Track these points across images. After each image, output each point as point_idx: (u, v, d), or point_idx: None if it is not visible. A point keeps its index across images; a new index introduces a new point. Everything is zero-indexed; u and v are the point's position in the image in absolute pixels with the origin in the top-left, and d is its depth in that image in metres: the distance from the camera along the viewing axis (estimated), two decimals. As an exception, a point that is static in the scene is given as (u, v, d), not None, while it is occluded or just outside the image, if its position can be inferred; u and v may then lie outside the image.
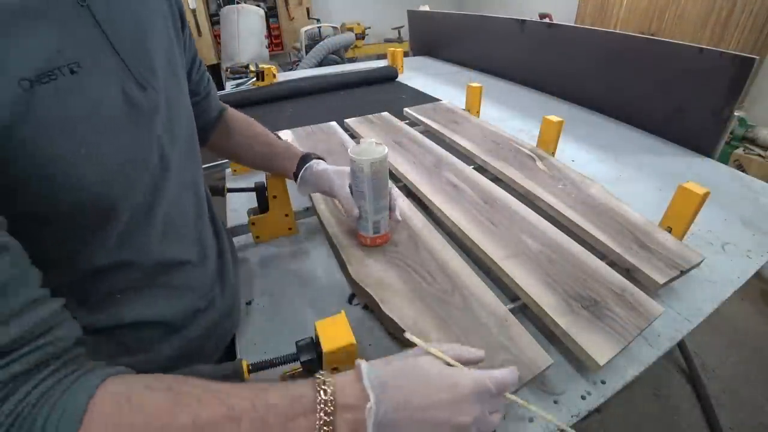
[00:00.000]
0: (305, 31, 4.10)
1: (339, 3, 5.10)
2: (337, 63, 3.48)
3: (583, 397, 0.52)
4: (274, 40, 4.73)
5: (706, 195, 0.67)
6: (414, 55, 2.52)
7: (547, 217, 0.77)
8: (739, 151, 2.34)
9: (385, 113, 1.28)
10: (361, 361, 0.34)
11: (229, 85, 1.88)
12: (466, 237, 0.74)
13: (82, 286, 0.40)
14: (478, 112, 1.30)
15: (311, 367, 0.46)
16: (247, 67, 1.89)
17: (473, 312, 0.58)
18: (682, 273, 0.65)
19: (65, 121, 0.32)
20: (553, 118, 0.99)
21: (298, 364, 0.46)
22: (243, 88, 1.82)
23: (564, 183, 0.89)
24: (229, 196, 0.93)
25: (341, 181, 0.65)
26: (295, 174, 0.69)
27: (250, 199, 0.80)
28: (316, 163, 0.69)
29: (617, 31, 1.33)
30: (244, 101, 1.54)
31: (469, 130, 1.16)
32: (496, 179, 0.93)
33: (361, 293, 0.64)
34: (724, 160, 2.31)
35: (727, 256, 0.75)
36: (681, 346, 1.52)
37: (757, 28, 2.24)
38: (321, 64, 3.44)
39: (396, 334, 0.59)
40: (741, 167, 2.27)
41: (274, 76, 1.81)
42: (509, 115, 1.43)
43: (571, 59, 1.48)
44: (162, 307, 0.47)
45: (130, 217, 0.40)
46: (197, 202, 0.54)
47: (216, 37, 4.18)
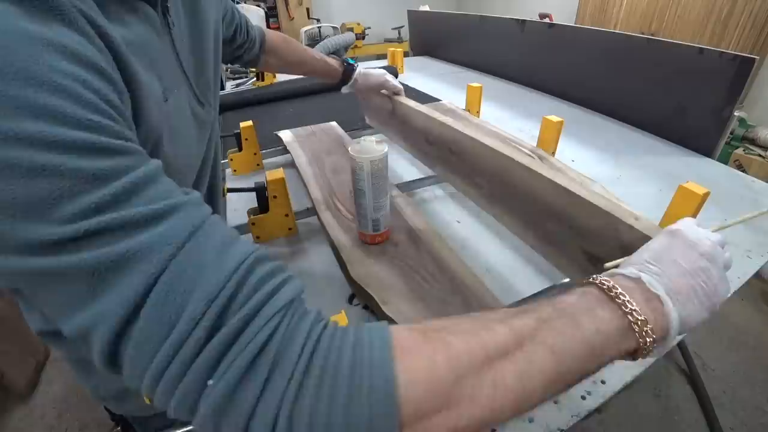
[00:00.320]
0: (305, 31, 4.10)
1: (339, 3, 5.09)
2: (337, 63, 3.47)
3: (583, 397, 0.52)
4: (274, 40, 4.73)
5: (706, 195, 0.67)
6: (414, 55, 2.52)
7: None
8: (739, 151, 2.33)
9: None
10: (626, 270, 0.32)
11: (230, 85, 1.88)
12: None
13: None
14: (478, 112, 1.30)
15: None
16: (247, 67, 1.89)
17: (473, 312, 0.58)
18: (682, 273, 0.65)
19: (170, 144, 0.36)
20: (553, 118, 0.99)
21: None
22: (243, 88, 1.82)
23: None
24: (229, 196, 0.93)
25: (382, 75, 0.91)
26: (343, 81, 0.91)
27: (251, 199, 0.80)
28: (359, 67, 0.91)
29: (617, 31, 1.33)
30: (244, 101, 1.54)
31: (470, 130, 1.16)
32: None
33: (362, 293, 0.64)
34: (724, 160, 2.31)
35: (727, 256, 0.75)
36: (681, 346, 1.52)
37: (757, 28, 2.24)
38: (321, 64, 3.44)
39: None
40: (741, 167, 2.27)
41: (274, 76, 1.81)
42: (509, 115, 1.43)
43: (571, 59, 1.48)
44: None
45: None
46: (211, 191, 0.59)
47: (216, 37, 4.18)
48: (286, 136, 1.17)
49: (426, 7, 2.46)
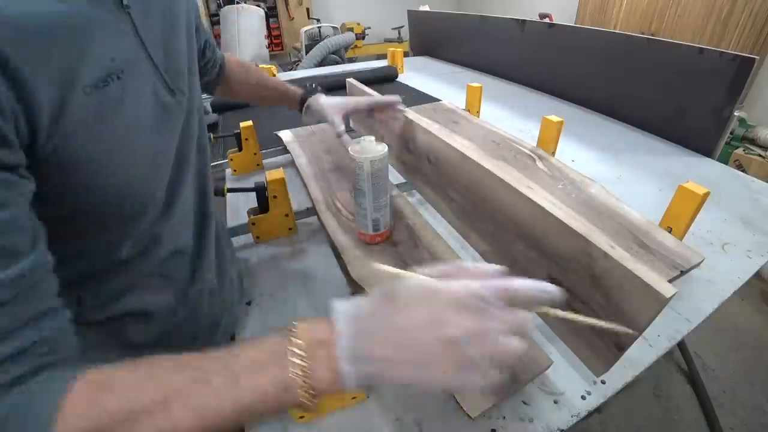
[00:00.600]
0: (305, 31, 4.11)
1: (339, 3, 5.10)
2: (337, 63, 3.48)
3: (583, 397, 0.52)
4: (274, 40, 4.73)
5: (706, 195, 0.67)
6: (414, 55, 2.52)
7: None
8: (739, 151, 2.33)
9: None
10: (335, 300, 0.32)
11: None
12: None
13: (100, 278, 0.41)
14: (478, 112, 1.30)
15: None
16: (247, 67, 1.88)
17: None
18: (682, 273, 0.65)
19: (110, 125, 0.33)
20: (553, 118, 0.99)
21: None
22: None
23: (564, 183, 0.89)
24: (229, 196, 0.93)
25: (334, 110, 0.79)
26: (300, 109, 0.83)
27: (251, 199, 0.80)
28: (316, 98, 0.81)
29: (617, 31, 1.33)
30: (244, 101, 1.54)
31: (469, 130, 1.16)
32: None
33: (362, 293, 0.64)
34: (724, 160, 2.31)
35: (727, 256, 0.75)
36: (681, 346, 1.52)
37: (757, 28, 2.24)
38: (321, 64, 3.44)
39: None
40: (741, 167, 2.27)
41: (274, 76, 1.81)
42: (509, 115, 1.43)
43: (571, 59, 1.48)
44: (165, 296, 0.48)
45: (153, 212, 0.42)
46: (201, 191, 0.55)
47: (216, 37, 4.18)
48: (286, 136, 1.17)
49: (426, 7, 2.46)
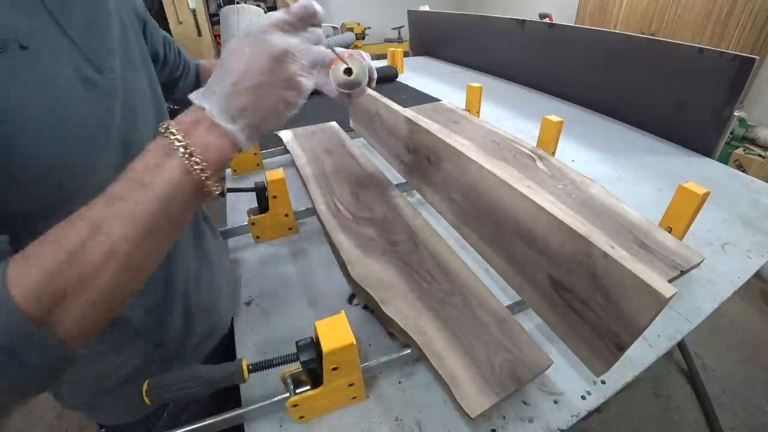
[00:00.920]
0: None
1: (339, 3, 5.09)
2: (337, 63, 3.46)
3: (583, 397, 0.52)
4: (274, 40, 4.73)
5: (706, 195, 0.67)
6: (414, 55, 2.52)
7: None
8: (739, 151, 2.33)
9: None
10: (192, 97, 0.36)
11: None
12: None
13: None
14: (478, 112, 1.30)
15: (311, 367, 0.46)
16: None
17: (473, 312, 0.58)
18: (682, 273, 0.65)
19: (17, 92, 0.32)
20: (553, 118, 0.99)
21: (298, 364, 0.46)
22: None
23: (564, 183, 0.89)
24: (229, 196, 0.93)
25: None
26: None
27: (251, 199, 0.80)
28: None
29: (617, 31, 1.33)
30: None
31: (469, 130, 1.16)
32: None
33: (361, 293, 0.64)
34: (724, 160, 2.31)
35: (727, 256, 0.75)
36: (681, 346, 1.52)
37: (757, 28, 2.24)
38: (321, 64, 3.43)
39: (396, 335, 0.59)
40: (741, 167, 2.27)
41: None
42: (509, 115, 1.43)
43: (571, 59, 1.48)
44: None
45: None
46: None
47: (216, 37, 4.17)
48: (286, 135, 1.17)
49: (426, 7, 2.46)
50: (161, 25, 0.75)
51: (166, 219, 0.31)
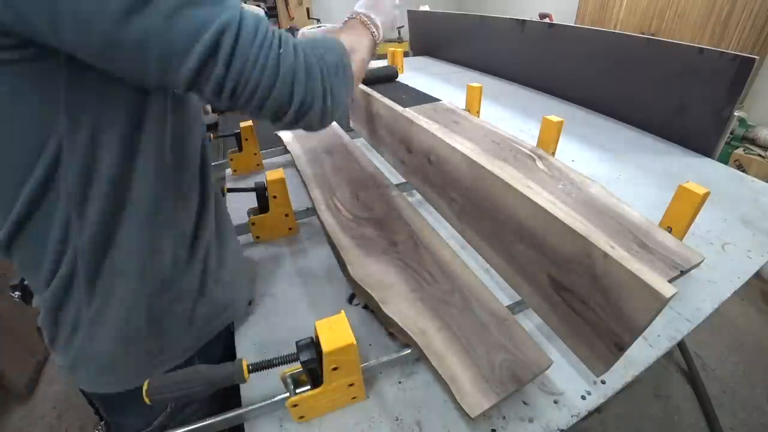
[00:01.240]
0: (305, 31, 4.10)
1: (339, 3, 5.09)
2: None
3: (583, 397, 0.52)
4: (274, 40, 4.73)
5: (706, 195, 0.67)
6: (414, 55, 2.52)
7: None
8: (739, 151, 2.33)
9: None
10: (357, 8, 0.65)
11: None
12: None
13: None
14: (478, 112, 1.30)
15: (311, 367, 0.46)
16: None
17: (473, 312, 0.58)
18: (682, 273, 0.65)
19: None
20: (553, 118, 0.99)
21: (298, 364, 0.46)
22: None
23: (564, 183, 0.89)
24: (229, 196, 0.93)
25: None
26: None
27: (251, 199, 0.80)
28: (301, 33, 0.96)
29: (617, 31, 1.33)
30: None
31: (469, 130, 1.16)
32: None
33: (361, 293, 0.64)
34: (724, 160, 2.31)
35: (727, 256, 0.75)
36: (681, 346, 1.52)
37: (757, 28, 2.24)
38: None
39: (396, 335, 0.59)
40: (741, 167, 2.27)
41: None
42: (509, 115, 1.43)
43: (571, 59, 1.48)
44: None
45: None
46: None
47: (216, 37, 4.18)
48: (286, 135, 1.17)
49: (426, 7, 2.46)
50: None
51: (368, 48, 0.60)
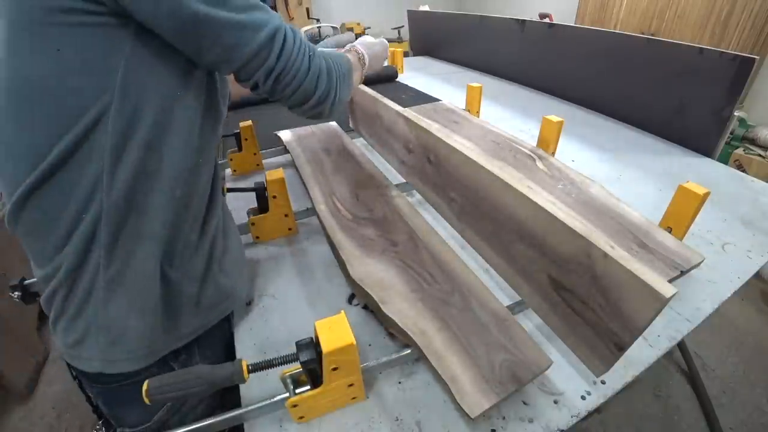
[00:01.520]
0: (305, 31, 4.10)
1: (339, 3, 5.09)
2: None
3: (583, 398, 0.52)
4: (274, 40, 4.72)
5: (706, 195, 0.67)
6: (414, 55, 2.52)
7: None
8: (739, 151, 2.33)
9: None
10: (355, 44, 0.78)
11: (229, 85, 1.87)
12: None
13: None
14: (478, 112, 1.30)
15: (311, 367, 0.46)
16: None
17: (473, 312, 0.58)
18: (682, 273, 0.65)
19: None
20: (553, 118, 0.99)
21: (297, 365, 0.46)
22: (243, 88, 1.81)
23: (564, 183, 0.89)
24: (228, 196, 0.93)
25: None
26: None
27: (250, 199, 0.80)
28: None
29: (617, 31, 1.33)
30: (244, 101, 1.54)
31: (469, 130, 1.16)
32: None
33: (361, 293, 0.64)
34: (724, 160, 2.31)
35: (727, 256, 0.75)
36: (681, 346, 1.52)
37: (757, 28, 2.24)
38: (321, 64, 3.43)
39: (396, 335, 0.59)
40: (741, 167, 2.27)
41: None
42: (509, 115, 1.43)
43: (571, 59, 1.48)
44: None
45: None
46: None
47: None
48: (285, 135, 1.17)
49: (426, 7, 2.46)
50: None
51: (360, 75, 0.73)
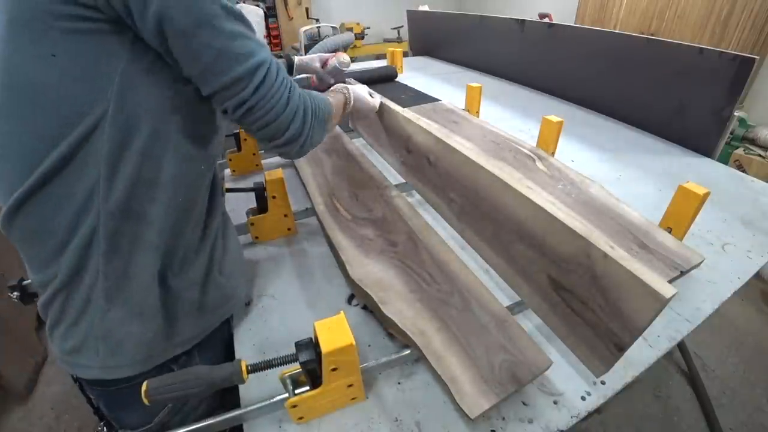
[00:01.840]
0: (304, 31, 4.10)
1: (338, 3, 5.09)
2: (336, 63, 3.46)
3: (582, 398, 0.51)
4: (273, 40, 4.72)
5: (706, 195, 0.67)
6: (413, 55, 2.52)
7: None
8: (739, 151, 2.33)
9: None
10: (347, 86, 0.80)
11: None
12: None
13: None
14: (478, 112, 1.30)
15: (311, 367, 0.46)
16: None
17: (473, 313, 0.58)
18: (682, 273, 0.65)
19: None
20: (553, 118, 0.99)
21: (297, 365, 0.46)
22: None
23: (563, 183, 0.89)
24: (228, 196, 0.93)
25: (315, 59, 0.94)
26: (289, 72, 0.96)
27: (249, 199, 0.80)
28: (299, 58, 0.95)
29: (617, 31, 1.33)
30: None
31: (469, 130, 1.16)
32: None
33: (361, 294, 0.64)
34: (724, 160, 2.31)
35: (727, 257, 0.75)
36: (681, 346, 1.52)
37: (757, 28, 2.24)
38: (320, 65, 3.42)
39: (395, 335, 0.59)
40: (741, 167, 2.27)
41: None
42: (509, 115, 1.43)
43: (571, 59, 1.48)
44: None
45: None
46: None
47: (216, 37, 4.17)
48: (285, 136, 1.16)
49: (425, 7, 2.46)
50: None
51: (342, 113, 0.74)
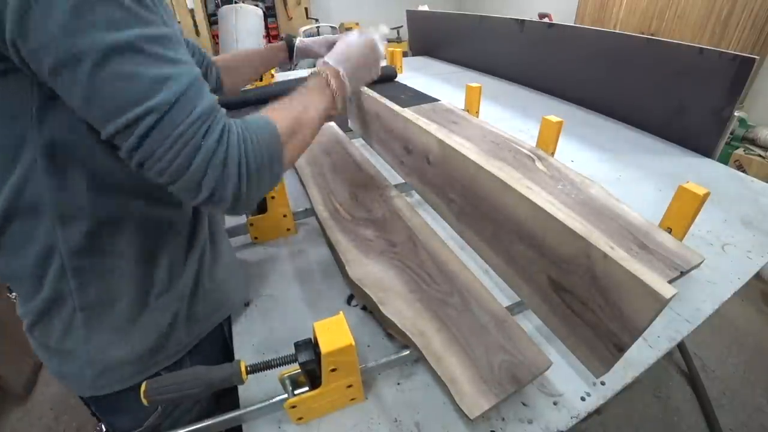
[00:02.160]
0: (304, 30, 4.10)
1: (338, 3, 5.09)
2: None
3: (582, 399, 0.51)
4: (273, 40, 4.72)
5: (706, 195, 0.67)
6: (413, 55, 2.52)
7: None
8: (739, 151, 2.33)
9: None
10: (327, 60, 0.61)
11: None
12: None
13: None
14: (478, 112, 1.30)
15: (310, 368, 0.46)
16: (246, 67, 1.88)
17: (473, 313, 0.58)
18: (682, 274, 0.65)
19: None
20: (553, 118, 0.99)
21: (296, 366, 0.46)
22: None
23: (563, 183, 0.89)
24: (227, 196, 0.93)
25: (318, 44, 0.87)
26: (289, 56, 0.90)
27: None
28: (300, 40, 0.89)
29: (617, 31, 1.33)
30: (242, 101, 1.54)
31: (469, 130, 1.16)
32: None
33: (360, 294, 0.64)
34: (724, 160, 2.31)
35: (727, 257, 0.75)
36: (681, 347, 1.52)
37: (757, 28, 2.24)
38: (320, 64, 3.42)
39: (395, 336, 0.59)
40: (741, 167, 2.27)
41: (273, 76, 1.81)
42: (509, 115, 1.43)
43: (571, 59, 1.48)
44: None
45: None
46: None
47: (214, 37, 4.17)
48: (285, 136, 1.16)
49: (425, 7, 2.46)
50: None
51: (321, 116, 0.55)
